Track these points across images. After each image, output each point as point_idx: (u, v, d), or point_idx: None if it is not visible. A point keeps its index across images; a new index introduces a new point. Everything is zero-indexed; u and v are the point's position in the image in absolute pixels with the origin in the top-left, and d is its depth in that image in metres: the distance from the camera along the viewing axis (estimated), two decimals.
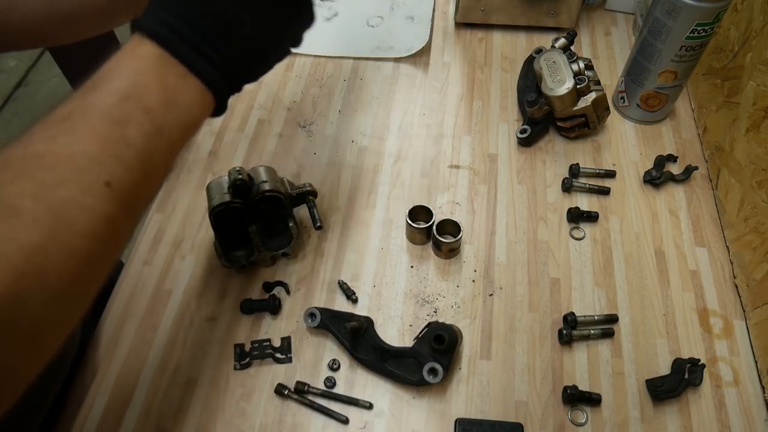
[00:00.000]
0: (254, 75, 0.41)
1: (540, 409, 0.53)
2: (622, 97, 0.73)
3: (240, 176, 0.54)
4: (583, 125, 0.70)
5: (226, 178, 0.57)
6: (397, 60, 0.82)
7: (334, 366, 0.55)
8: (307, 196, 0.60)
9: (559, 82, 0.67)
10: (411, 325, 0.58)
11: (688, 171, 0.67)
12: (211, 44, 0.36)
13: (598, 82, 0.68)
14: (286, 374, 0.55)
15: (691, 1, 0.60)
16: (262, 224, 0.59)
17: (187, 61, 0.35)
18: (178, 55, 0.35)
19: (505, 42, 0.84)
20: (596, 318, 0.57)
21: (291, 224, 0.59)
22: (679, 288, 0.60)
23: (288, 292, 0.60)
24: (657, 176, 0.67)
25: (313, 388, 0.53)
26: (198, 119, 0.37)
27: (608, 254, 0.62)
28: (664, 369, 0.55)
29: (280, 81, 0.79)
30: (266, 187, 0.56)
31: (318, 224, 0.59)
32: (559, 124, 0.71)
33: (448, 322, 0.54)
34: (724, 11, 0.61)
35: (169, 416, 0.52)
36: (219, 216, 0.56)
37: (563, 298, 0.59)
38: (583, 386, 0.53)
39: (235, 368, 0.55)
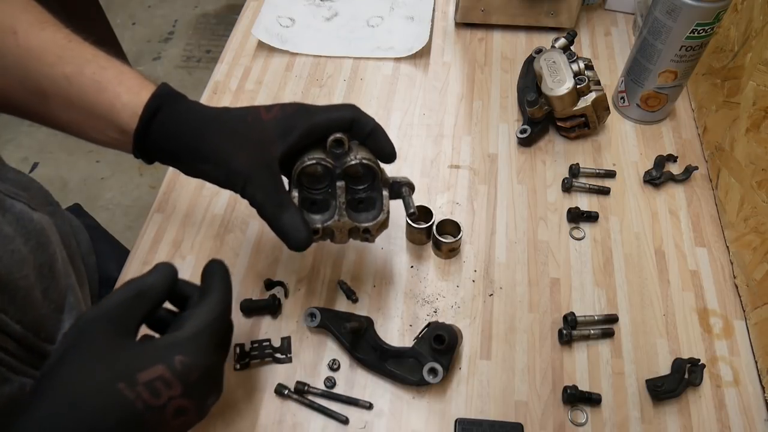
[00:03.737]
0: None
1: (540, 409, 0.53)
2: (622, 97, 0.73)
3: (340, 137, 0.47)
4: (583, 125, 0.70)
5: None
6: (397, 60, 0.82)
7: (334, 366, 0.55)
8: (401, 186, 0.51)
9: (559, 82, 0.67)
10: (411, 325, 0.58)
11: (688, 171, 0.67)
12: None
13: (598, 82, 0.68)
14: (286, 374, 0.55)
15: (691, 1, 0.60)
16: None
17: None
18: None
19: (505, 42, 0.84)
20: (596, 318, 0.57)
21: (384, 193, 0.49)
22: (679, 288, 0.60)
23: (287, 292, 0.60)
24: (657, 176, 0.67)
25: (313, 388, 0.53)
26: None
27: (608, 254, 0.62)
28: (664, 369, 0.55)
29: (280, 81, 0.79)
30: (363, 155, 0.48)
31: (411, 210, 0.50)
32: (559, 124, 0.71)
33: (448, 322, 0.54)
34: (724, 11, 0.61)
35: None
36: (305, 172, 0.48)
37: (563, 298, 0.59)
38: (583, 386, 0.53)
39: (235, 368, 0.55)
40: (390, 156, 0.48)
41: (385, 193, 0.49)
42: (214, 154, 0.44)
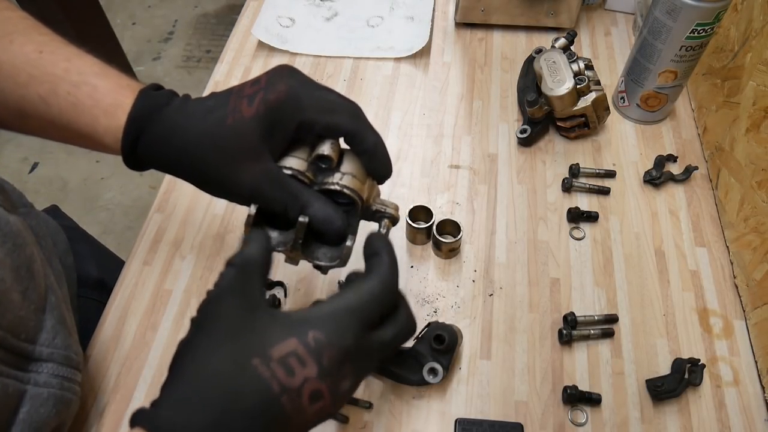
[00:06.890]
0: None
1: (540, 409, 0.53)
2: (622, 97, 0.73)
3: (328, 154, 0.42)
4: (583, 125, 0.70)
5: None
6: (397, 60, 0.82)
7: None
8: (382, 218, 0.46)
9: (559, 82, 0.67)
10: None
11: (688, 171, 0.67)
12: None
13: (598, 82, 0.68)
14: None
15: (691, 1, 0.60)
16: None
17: None
18: None
19: (505, 42, 0.84)
20: (596, 318, 0.57)
21: (348, 243, 0.43)
22: (679, 288, 0.60)
23: (286, 292, 0.59)
24: (657, 176, 0.67)
25: None
26: None
27: (608, 254, 0.62)
28: (664, 369, 0.55)
29: None
30: (347, 181, 0.42)
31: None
32: (559, 124, 0.71)
33: (448, 322, 0.54)
34: (724, 11, 0.61)
35: None
36: None
37: (563, 298, 0.59)
38: (583, 386, 0.53)
39: None
40: (385, 178, 0.45)
41: (348, 244, 0.43)
42: (208, 179, 0.43)
